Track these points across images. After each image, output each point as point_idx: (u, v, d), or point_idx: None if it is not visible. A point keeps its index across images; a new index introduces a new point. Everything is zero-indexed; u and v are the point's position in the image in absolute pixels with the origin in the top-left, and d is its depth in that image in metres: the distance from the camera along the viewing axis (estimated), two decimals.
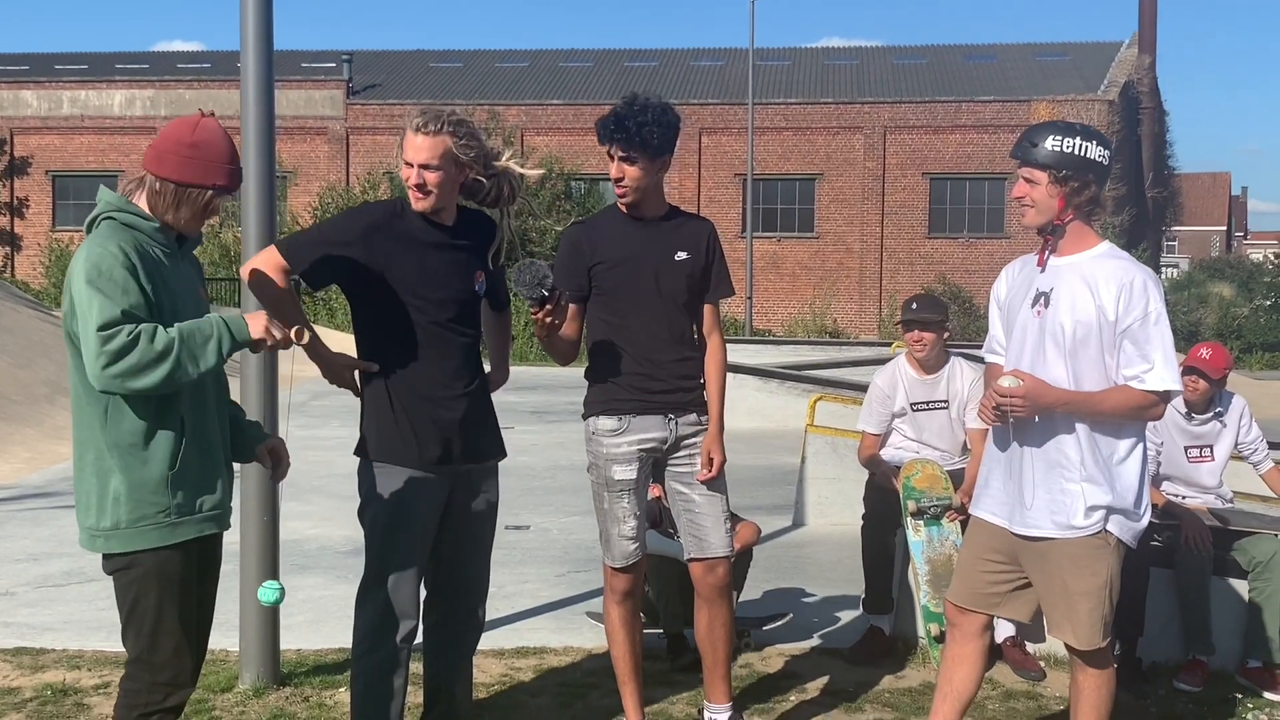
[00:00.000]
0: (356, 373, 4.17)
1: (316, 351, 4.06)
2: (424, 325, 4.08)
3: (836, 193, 38.96)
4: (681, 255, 4.50)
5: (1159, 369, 3.91)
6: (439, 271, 4.10)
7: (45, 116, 40.87)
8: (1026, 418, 3.99)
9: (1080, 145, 3.94)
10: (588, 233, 4.57)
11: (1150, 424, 4.38)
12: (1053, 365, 4.00)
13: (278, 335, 3.45)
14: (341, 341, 4.19)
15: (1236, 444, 6.05)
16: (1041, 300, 4.05)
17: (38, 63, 44.29)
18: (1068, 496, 3.98)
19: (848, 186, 38.89)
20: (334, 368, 4.13)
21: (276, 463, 3.85)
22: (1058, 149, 3.95)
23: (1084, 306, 3.95)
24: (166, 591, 3.44)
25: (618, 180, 4.42)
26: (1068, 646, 4.13)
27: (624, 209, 4.51)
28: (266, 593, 3.75)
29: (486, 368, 4.43)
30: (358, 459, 4.18)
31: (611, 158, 4.42)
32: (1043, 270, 4.09)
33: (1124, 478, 4.00)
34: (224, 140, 3.49)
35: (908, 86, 39.99)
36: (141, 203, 3.46)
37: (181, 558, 3.46)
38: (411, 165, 4.05)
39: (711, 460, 4.51)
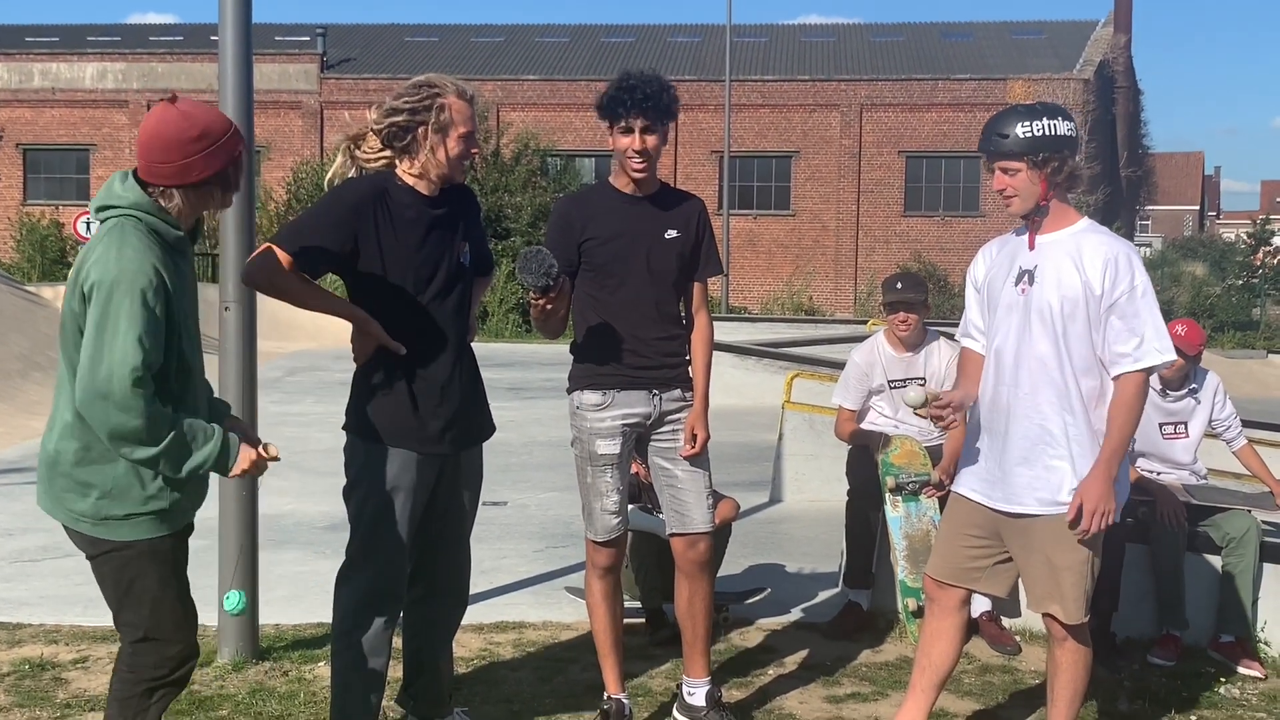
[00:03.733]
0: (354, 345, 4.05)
1: (354, 313, 3.98)
2: (419, 302, 4.01)
3: (813, 170, 38.95)
4: (671, 233, 4.49)
5: (1150, 342, 3.93)
6: (429, 246, 4.03)
7: (16, 89, 40.43)
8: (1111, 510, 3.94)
9: (1049, 125, 3.96)
10: (579, 207, 4.55)
11: None
12: (1039, 342, 4.02)
13: (256, 469, 3.41)
14: (345, 327, 4.11)
15: (1210, 420, 6.10)
16: (1026, 278, 4.06)
17: (8, 35, 43.78)
18: (1052, 473, 4.01)
19: (824, 164, 38.88)
20: (367, 335, 3.97)
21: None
22: (1029, 134, 3.96)
23: (1070, 282, 3.97)
24: (164, 571, 3.43)
25: (640, 152, 4.35)
26: (1046, 622, 4.17)
27: (629, 184, 4.47)
28: (231, 601, 3.71)
29: None
30: (346, 437, 4.11)
31: (629, 131, 4.34)
32: (1032, 250, 4.10)
33: None
34: (212, 111, 3.44)
35: (884, 64, 39.98)
36: (173, 209, 3.36)
37: (173, 539, 3.46)
38: (471, 135, 4.00)
39: (695, 437, 4.52)
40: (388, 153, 4.03)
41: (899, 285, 6.03)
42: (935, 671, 4.34)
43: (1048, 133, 3.95)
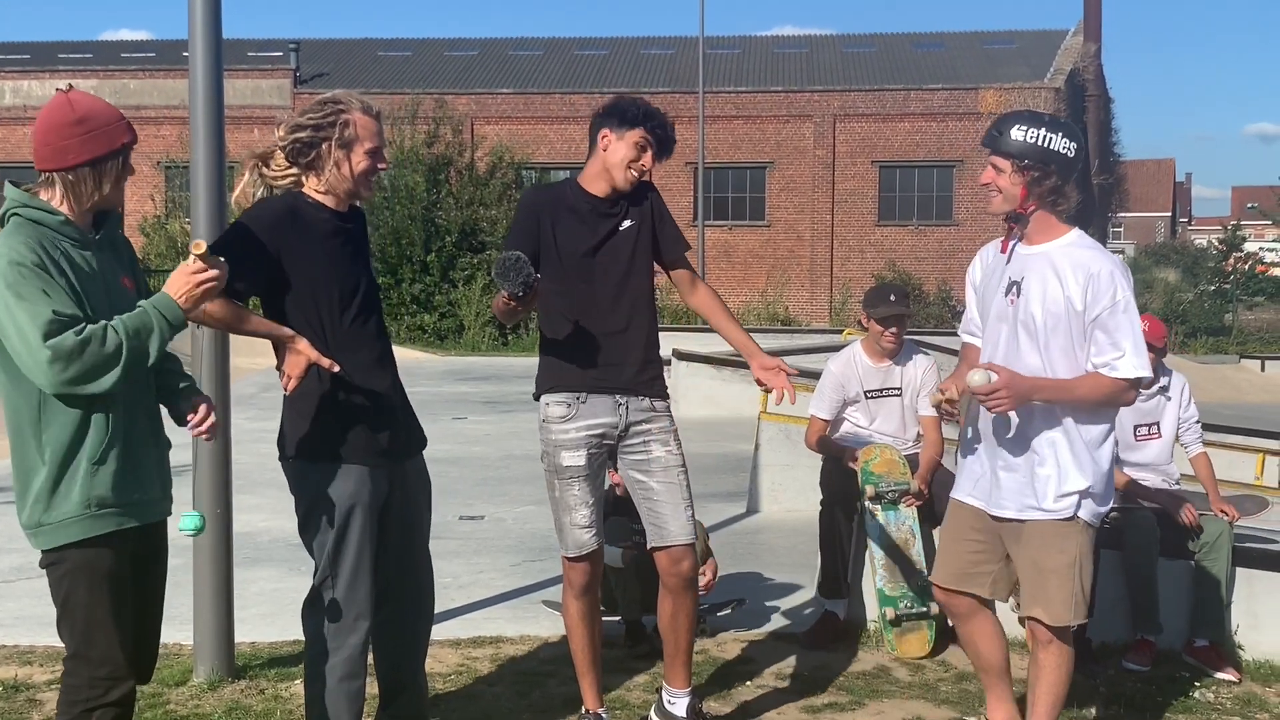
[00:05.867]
0: (291, 366, 3.94)
1: (283, 333, 3.90)
2: (347, 316, 3.99)
3: (787, 181, 39.05)
4: (627, 224, 4.53)
5: (1130, 355, 3.98)
6: (344, 260, 4.02)
7: None
8: (1010, 410, 4.04)
9: (1044, 136, 4.02)
10: (547, 201, 4.59)
11: None
12: (1026, 354, 4.09)
13: (209, 278, 3.40)
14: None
15: (1178, 420, 6.13)
16: (1014, 289, 4.12)
17: None
18: (1038, 481, 4.06)
19: (798, 175, 38.99)
20: (298, 354, 3.88)
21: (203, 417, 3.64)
22: (1020, 138, 4.03)
23: (1053, 296, 4.03)
24: (96, 586, 3.41)
25: (641, 170, 4.49)
26: (1031, 626, 4.20)
27: (603, 189, 4.51)
28: (188, 521, 3.60)
29: None
30: (290, 464, 4.04)
31: (644, 147, 4.46)
32: (1008, 259, 4.16)
33: (1098, 462, 4.08)
34: (101, 102, 3.47)
35: (857, 75, 40.13)
36: (54, 199, 3.40)
37: (112, 553, 3.42)
38: (378, 151, 3.99)
39: (775, 370, 4.53)
40: (294, 170, 4.01)
41: (893, 298, 6.05)
42: (992, 670, 4.39)
43: (1039, 143, 4.01)
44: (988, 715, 4.50)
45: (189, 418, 3.61)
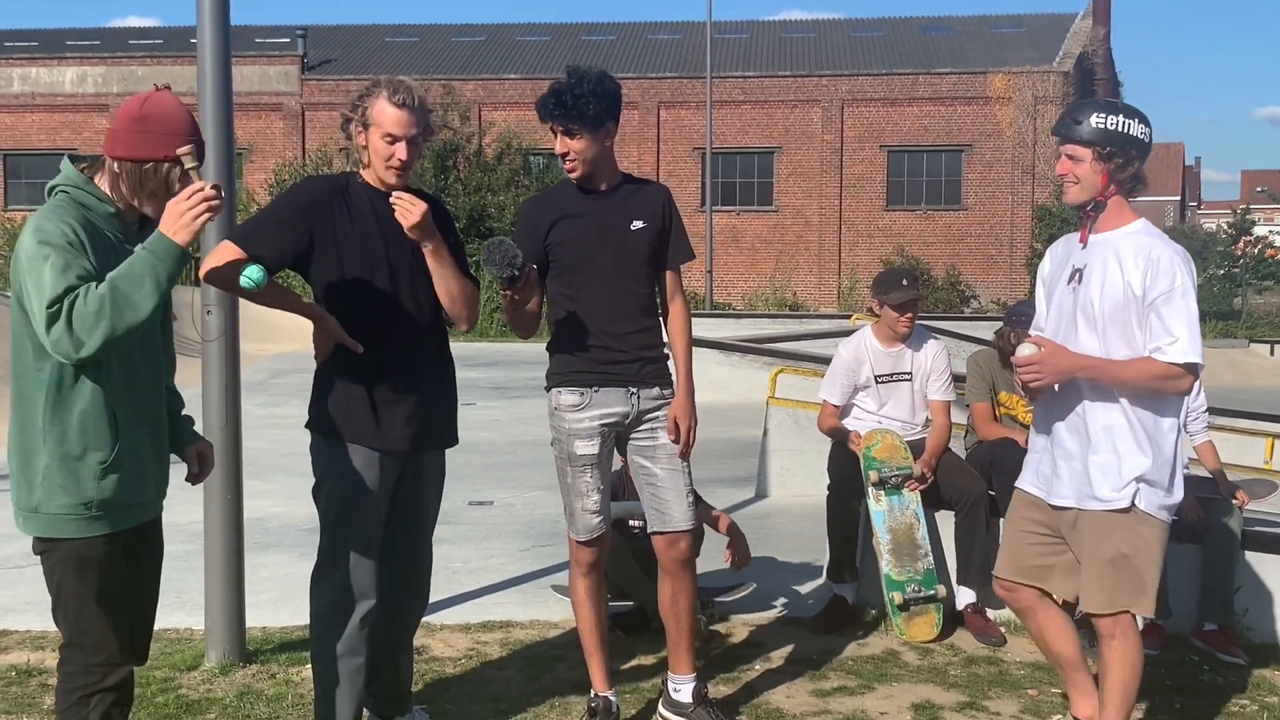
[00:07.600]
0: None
1: (311, 310, 4.02)
2: (383, 299, 4.02)
3: (795, 166, 38.99)
4: (638, 224, 4.49)
5: (1182, 341, 3.93)
6: (390, 243, 4.03)
7: None
8: (1048, 385, 4.03)
9: (1123, 123, 4.00)
10: (543, 209, 4.56)
11: None
12: (1084, 339, 4.05)
13: (200, 200, 3.21)
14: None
15: (1186, 409, 6.11)
16: (1076, 276, 4.10)
17: None
18: (1094, 469, 4.02)
19: (806, 159, 38.93)
20: (326, 332, 4.01)
21: (202, 466, 3.80)
22: (1101, 126, 4.00)
23: (1114, 282, 3.99)
24: (87, 575, 3.39)
25: (564, 155, 4.41)
26: (1093, 620, 4.12)
27: (576, 182, 4.51)
28: (249, 276, 3.71)
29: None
30: (310, 436, 4.13)
31: (555, 134, 4.41)
32: (1084, 247, 4.13)
33: (1160, 451, 4.01)
34: (176, 111, 3.35)
35: (865, 59, 40.04)
36: (102, 185, 3.37)
37: (104, 542, 3.40)
38: (397, 139, 3.98)
39: (679, 427, 4.50)
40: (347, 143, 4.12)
41: (905, 283, 6.03)
42: (1065, 660, 4.33)
43: (1120, 129, 4.00)
44: (1071, 712, 4.40)
45: (191, 462, 3.73)
